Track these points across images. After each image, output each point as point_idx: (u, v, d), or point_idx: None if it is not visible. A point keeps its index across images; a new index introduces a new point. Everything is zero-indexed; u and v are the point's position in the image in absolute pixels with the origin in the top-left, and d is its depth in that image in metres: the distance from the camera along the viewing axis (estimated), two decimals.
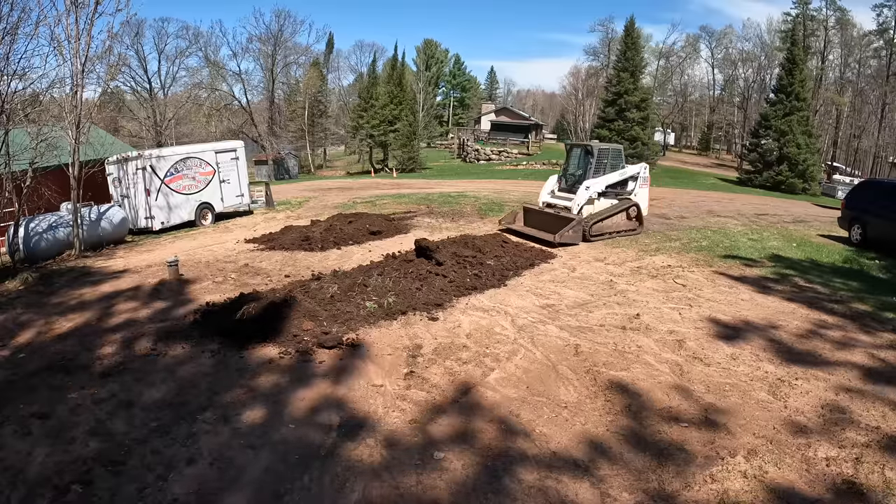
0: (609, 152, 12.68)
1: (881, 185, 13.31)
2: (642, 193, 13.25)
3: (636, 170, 13.22)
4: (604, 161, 12.45)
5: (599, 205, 12.39)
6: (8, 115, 10.68)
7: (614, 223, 12.24)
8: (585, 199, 12.01)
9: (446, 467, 3.91)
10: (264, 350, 5.78)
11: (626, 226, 12.46)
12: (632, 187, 13.12)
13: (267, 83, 51.85)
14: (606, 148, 12.78)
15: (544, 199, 12.96)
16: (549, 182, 13.22)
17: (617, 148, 13.09)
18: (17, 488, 3.66)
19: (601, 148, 12.59)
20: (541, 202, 12.95)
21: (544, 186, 13.25)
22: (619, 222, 12.33)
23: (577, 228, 11.33)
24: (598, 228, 11.83)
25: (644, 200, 13.24)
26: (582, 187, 11.99)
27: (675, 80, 59.49)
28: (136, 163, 13.87)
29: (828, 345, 6.12)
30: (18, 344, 6.23)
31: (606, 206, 12.46)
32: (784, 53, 38.43)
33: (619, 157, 12.87)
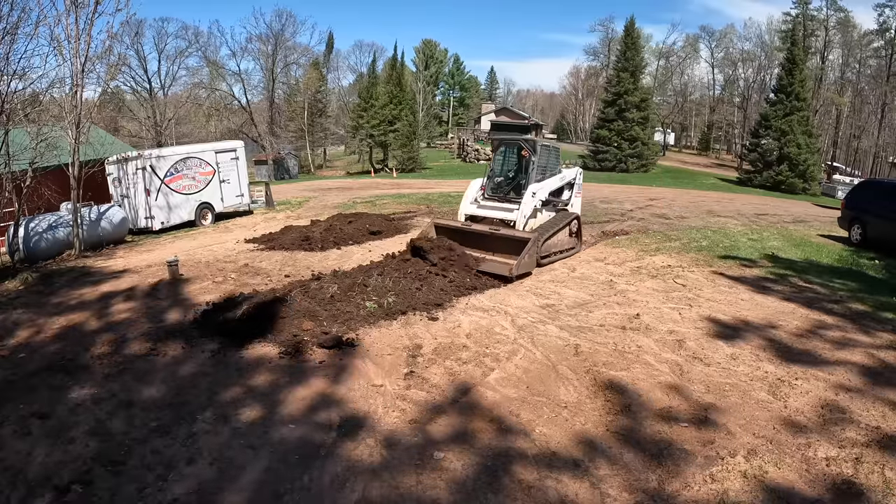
0: (550, 151, 10.64)
1: (881, 185, 13.32)
2: (577, 203, 11.32)
3: (572, 175, 11.19)
4: (544, 162, 10.39)
5: (542, 217, 10.12)
6: (8, 115, 10.69)
7: (559, 241, 9.89)
8: (532, 209, 9.67)
9: (446, 467, 3.91)
10: (264, 350, 5.78)
11: (568, 244, 10.21)
12: (567, 196, 11.07)
13: (267, 83, 51.89)
14: (548, 146, 10.74)
15: (467, 210, 10.19)
16: (471, 188, 10.52)
17: (557, 147, 11.28)
18: (17, 488, 3.66)
19: (543, 145, 10.43)
20: (462, 215, 10.20)
21: (465, 194, 10.47)
22: (563, 240, 10.05)
23: (534, 251, 8.81)
24: (546, 249, 9.41)
25: (578, 211, 11.27)
26: (527, 194, 9.61)
27: (675, 80, 59.54)
28: (136, 163, 13.88)
29: (827, 345, 6.12)
30: (18, 344, 6.23)
31: (548, 218, 10.22)
32: (784, 53, 38.48)
33: (558, 158, 10.95)
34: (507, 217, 9.67)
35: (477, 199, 10.35)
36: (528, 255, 8.62)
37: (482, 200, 10.32)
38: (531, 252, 8.71)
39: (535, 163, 9.97)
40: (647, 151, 39.75)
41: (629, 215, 15.56)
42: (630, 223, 14.14)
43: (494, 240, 9.13)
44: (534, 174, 9.95)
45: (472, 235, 9.33)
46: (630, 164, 38.23)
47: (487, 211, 10.06)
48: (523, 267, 8.56)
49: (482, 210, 10.12)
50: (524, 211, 9.57)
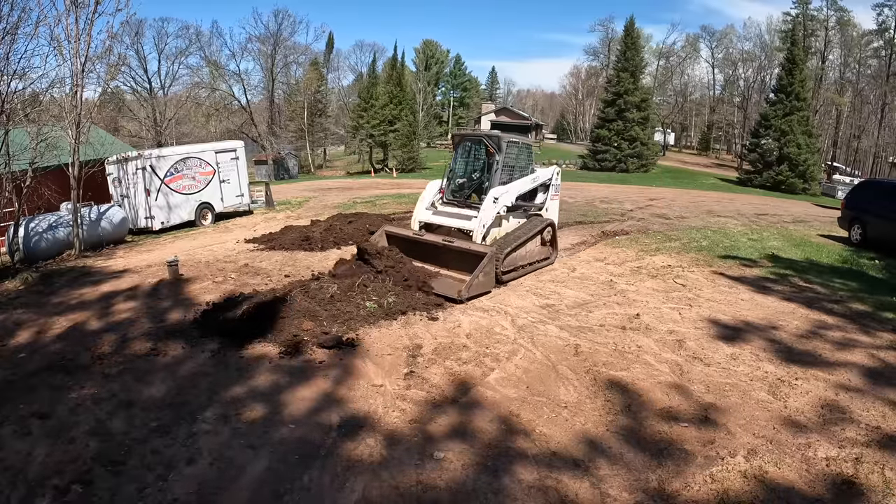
0: (520, 149, 9.25)
1: (881, 185, 13.32)
2: (553, 207, 9.99)
3: (547, 175, 9.79)
4: (512, 161, 9.02)
5: (508, 226, 8.82)
6: (8, 115, 10.69)
7: (528, 253, 8.79)
8: (493, 217, 8.33)
9: (446, 467, 3.91)
10: (264, 350, 5.78)
11: (540, 254, 9.11)
12: (542, 199, 9.72)
13: (266, 83, 51.92)
14: (517, 142, 9.25)
15: (422, 217, 9.00)
16: (427, 191, 9.30)
17: (528, 144, 9.68)
18: (17, 488, 3.65)
19: (510, 141, 8.97)
20: (416, 223, 9.02)
21: (421, 199, 9.22)
22: (533, 251, 8.92)
23: (491, 268, 7.67)
24: (511, 262, 8.36)
25: (555, 216, 10.08)
26: (489, 199, 8.28)
27: (675, 80, 59.54)
28: (136, 163, 13.88)
29: (827, 345, 6.12)
30: (18, 344, 6.23)
31: (515, 226, 8.95)
32: (784, 53, 38.52)
33: (529, 156, 9.50)
34: (465, 227, 8.35)
35: (435, 203, 9.11)
36: (483, 273, 7.47)
37: (440, 205, 9.08)
38: (487, 270, 7.54)
39: (499, 162, 8.65)
40: (647, 151, 39.78)
41: (629, 215, 15.56)
42: (630, 223, 14.14)
43: (449, 252, 8.06)
44: (498, 176, 8.61)
45: (426, 247, 8.31)
46: (630, 164, 38.24)
47: (444, 218, 8.77)
48: (477, 287, 7.45)
49: (439, 217, 8.85)
50: (483, 220, 8.21)
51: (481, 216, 8.25)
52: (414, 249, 8.41)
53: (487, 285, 7.72)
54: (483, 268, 7.51)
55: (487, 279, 7.69)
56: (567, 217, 14.52)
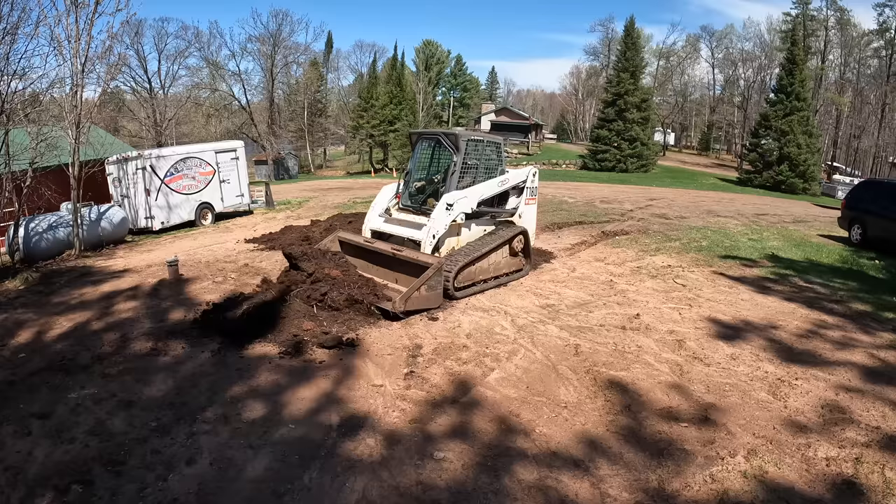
0: (483, 147, 8.37)
1: (881, 185, 13.31)
2: (529, 213, 9.09)
3: (521, 177, 8.92)
4: (475, 161, 8.19)
5: (470, 235, 8.17)
6: (8, 115, 10.69)
7: (493, 265, 8.04)
8: (446, 225, 7.58)
9: (446, 467, 3.91)
10: (264, 349, 5.78)
11: (508, 266, 8.33)
12: (515, 204, 8.89)
13: (266, 83, 51.90)
14: (480, 140, 8.39)
15: (373, 225, 8.28)
16: (381, 196, 8.55)
17: (495, 141, 8.78)
18: (17, 488, 3.66)
19: (471, 139, 8.17)
20: (367, 232, 8.32)
21: (373, 204, 8.49)
22: (499, 262, 8.17)
23: (437, 282, 6.87)
24: (469, 276, 7.65)
25: (532, 222, 9.17)
26: (440, 205, 7.52)
27: (675, 80, 59.52)
28: (136, 163, 13.88)
29: (828, 345, 6.12)
30: (18, 343, 6.23)
31: (480, 235, 8.26)
32: (784, 53, 38.51)
33: (497, 155, 8.66)
34: (414, 236, 7.62)
35: (390, 209, 8.39)
36: (426, 285, 6.70)
37: (395, 212, 8.35)
38: (432, 283, 6.76)
39: (457, 164, 7.81)
40: (647, 151, 39.79)
41: (629, 215, 15.55)
42: (630, 223, 14.14)
43: (398, 263, 7.40)
44: (455, 179, 7.80)
45: (377, 256, 7.67)
46: (630, 164, 38.25)
47: (396, 227, 8.01)
48: (418, 302, 6.69)
49: (390, 225, 8.11)
50: (433, 228, 7.45)
51: (430, 225, 7.48)
52: (366, 258, 7.87)
53: (433, 300, 6.88)
54: (426, 280, 6.68)
55: (433, 293, 6.85)
56: (567, 217, 14.53)
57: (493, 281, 8.11)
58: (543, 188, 20.61)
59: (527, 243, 8.58)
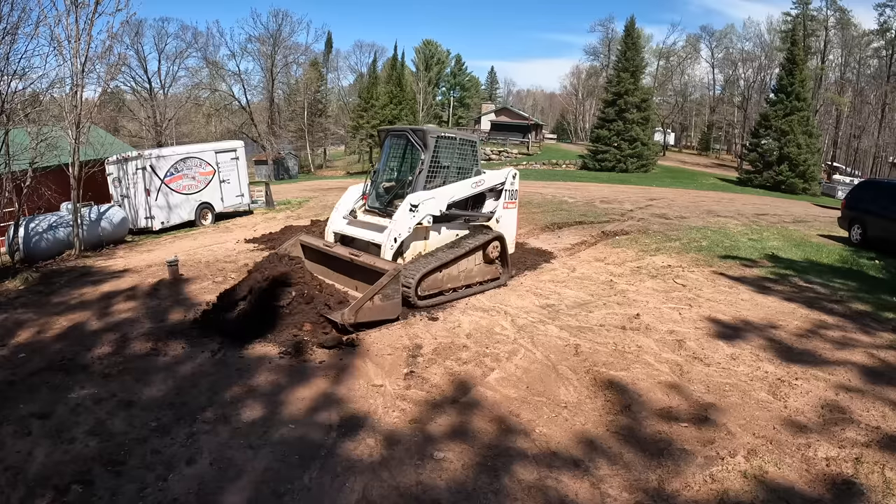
0: (456, 147, 7.87)
1: (881, 185, 13.31)
2: (508, 218, 8.65)
3: (499, 179, 8.47)
4: (446, 160, 7.76)
5: (440, 239, 7.71)
6: (8, 115, 10.69)
7: (464, 272, 7.57)
8: (410, 228, 7.12)
9: (446, 467, 3.91)
10: (264, 349, 5.78)
11: (483, 274, 7.86)
12: (492, 207, 8.45)
13: (266, 83, 51.92)
14: (452, 138, 7.86)
15: (336, 227, 7.86)
16: (346, 197, 8.11)
17: (469, 140, 8.24)
18: (17, 488, 3.66)
19: (441, 136, 7.66)
20: (329, 234, 7.93)
21: (337, 205, 8.06)
22: (472, 270, 7.69)
23: (394, 290, 6.30)
24: (435, 284, 7.20)
25: (511, 228, 8.73)
26: (404, 206, 7.07)
27: (676, 80, 59.50)
28: (136, 163, 13.89)
29: (828, 345, 6.12)
30: (19, 343, 6.23)
31: (452, 239, 7.81)
32: (784, 53, 38.50)
33: (471, 155, 8.17)
34: (376, 239, 7.14)
35: (355, 210, 7.90)
36: (381, 295, 6.11)
37: (361, 214, 7.87)
38: (388, 291, 6.17)
39: (424, 162, 7.37)
40: (647, 151, 39.75)
41: (629, 215, 15.55)
42: (630, 223, 14.13)
43: (356, 269, 6.81)
44: (422, 178, 7.34)
45: (336, 261, 7.15)
46: (630, 164, 38.23)
47: (359, 230, 7.55)
48: (371, 313, 6.10)
49: (354, 228, 7.66)
50: (394, 231, 6.97)
51: (392, 227, 6.99)
52: (326, 263, 7.38)
53: (389, 311, 6.29)
54: (380, 288, 6.08)
55: (389, 303, 6.25)
56: (567, 217, 14.53)
57: (465, 290, 7.60)
58: (543, 188, 20.61)
59: (503, 250, 8.02)
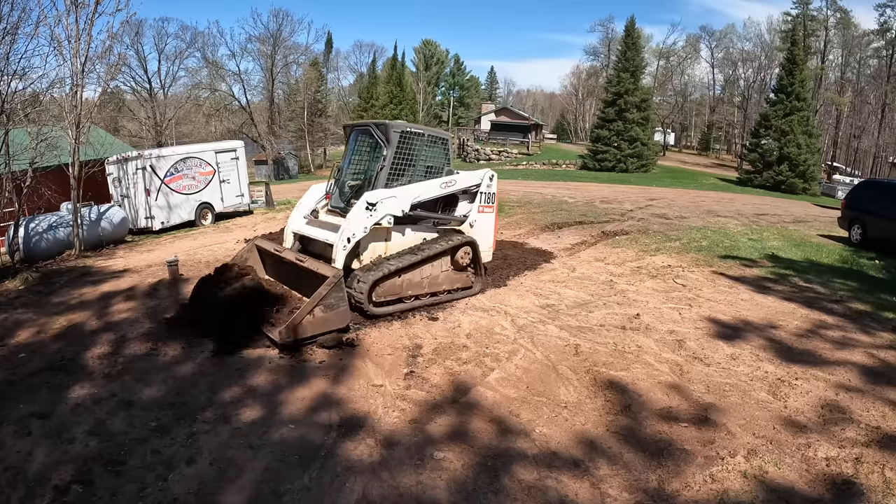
0: (423, 142, 7.34)
1: (881, 185, 13.31)
2: (484, 222, 8.04)
3: (473, 180, 7.90)
4: (411, 157, 7.18)
5: (401, 242, 7.11)
6: (8, 115, 10.69)
7: (428, 279, 7.11)
8: (365, 228, 6.51)
9: (446, 467, 3.91)
10: (264, 350, 5.78)
11: (451, 281, 7.40)
12: (467, 210, 7.91)
13: (266, 83, 51.88)
14: (420, 134, 7.27)
15: (295, 227, 7.34)
16: (308, 196, 7.64)
17: (440, 137, 7.71)
18: (17, 488, 3.66)
19: (407, 132, 7.08)
20: (289, 235, 7.38)
21: (298, 204, 7.67)
22: (437, 276, 7.22)
23: (338, 298, 5.80)
24: (392, 290, 6.76)
25: (488, 233, 8.12)
26: (360, 204, 6.51)
27: (676, 80, 59.49)
28: (136, 163, 13.89)
29: (828, 344, 6.12)
30: (18, 343, 6.23)
31: (413, 243, 7.21)
32: (784, 53, 38.48)
33: (442, 153, 7.67)
34: (331, 239, 6.56)
35: (317, 210, 7.46)
36: (322, 305, 5.63)
37: (323, 213, 7.43)
38: (331, 301, 5.68)
39: (386, 158, 6.88)
40: (647, 151, 39.74)
41: (629, 215, 15.55)
42: (630, 223, 14.13)
43: (303, 274, 6.38)
44: (384, 176, 6.85)
45: (288, 266, 6.75)
46: (630, 164, 38.23)
47: (317, 230, 6.99)
48: (314, 326, 5.66)
49: (311, 227, 7.13)
50: (348, 230, 6.36)
51: (345, 226, 6.42)
52: (280, 269, 6.99)
53: (334, 321, 5.79)
54: (320, 298, 5.60)
55: (333, 313, 5.74)
56: (567, 217, 14.52)
57: (430, 298, 7.16)
58: (543, 188, 20.61)
59: (475, 257, 7.51)
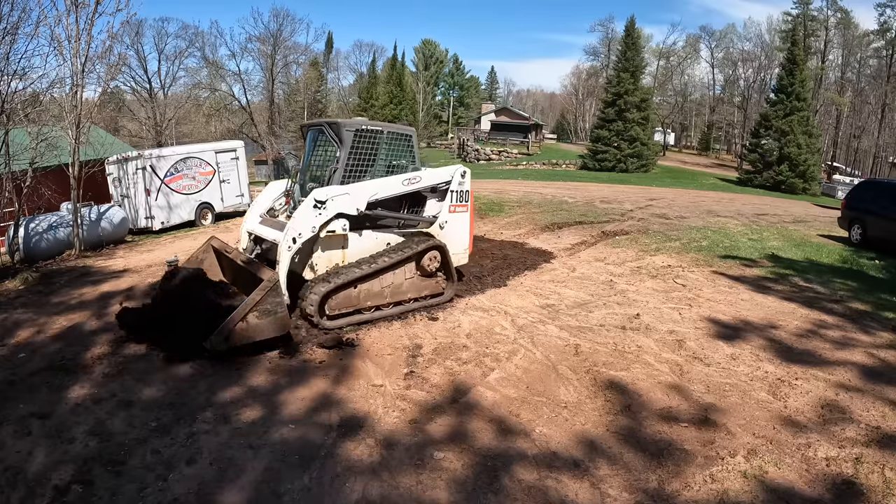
0: (382, 140, 6.86)
1: (881, 185, 13.31)
2: (457, 223, 7.41)
3: (443, 177, 7.30)
4: (370, 156, 6.76)
5: (361, 248, 6.58)
6: (8, 115, 10.70)
7: (389, 287, 6.61)
8: (313, 228, 6.07)
9: (446, 467, 3.91)
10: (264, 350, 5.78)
11: (418, 289, 6.91)
12: (436, 210, 7.31)
13: (266, 83, 51.88)
14: (377, 131, 6.81)
15: (250, 225, 7.05)
16: (265, 193, 7.43)
17: (402, 133, 7.25)
18: (17, 488, 3.66)
19: (361, 129, 6.65)
20: (244, 235, 7.06)
21: (256, 200, 7.47)
22: (401, 284, 6.71)
23: (275, 304, 5.39)
24: (348, 301, 6.30)
25: (461, 235, 7.50)
26: (307, 202, 6.11)
27: (676, 80, 59.49)
28: (136, 163, 13.91)
29: (827, 344, 6.12)
30: (18, 343, 6.23)
31: (378, 248, 6.71)
32: (784, 53, 38.50)
33: (406, 150, 7.22)
34: (276, 238, 6.23)
35: (275, 209, 7.22)
36: (256, 311, 5.25)
37: (282, 213, 7.22)
38: (266, 307, 5.29)
39: (339, 160, 6.52)
40: (647, 151, 39.74)
41: (629, 215, 15.54)
42: (630, 223, 14.13)
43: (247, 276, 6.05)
44: (337, 178, 6.48)
45: (236, 267, 6.43)
46: (630, 164, 38.23)
47: (268, 228, 6.71)
48: (246, 334, 5.26)
49: (264, 227, 6.84)
50: (294, 229, 5.95)
51: (291, 224, 6.00)
52: (233, 271, 6.68)
53: (271, 329, 5.38)
54: (257, 303, 5.23)
55: (269, 320, 5.33)
56: (567, 217, 14.52)
57: (394, 308, 6.70)
58: (543, 188, 20.62)
59: (445, 261, 7.00)
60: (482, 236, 11.90)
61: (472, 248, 7.95)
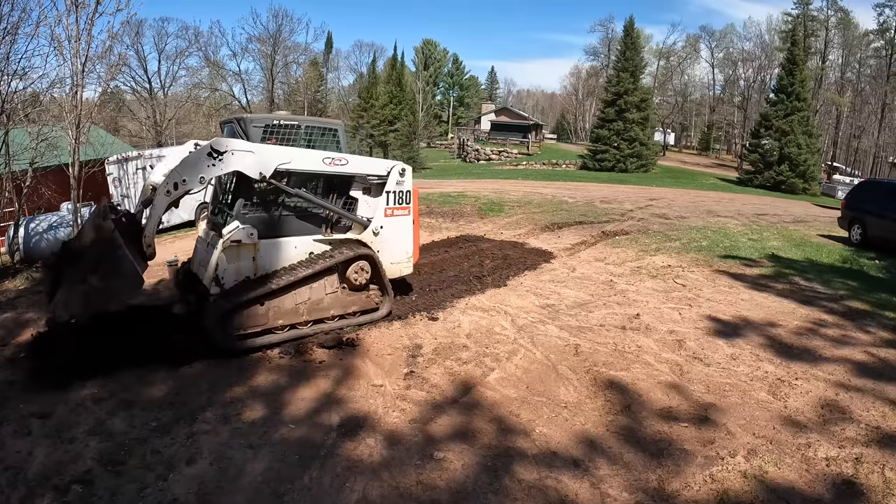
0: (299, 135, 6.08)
1: (881, 185, 13.32)
2: (395, 228, 6.53)
3: (377, 169, 6.43)
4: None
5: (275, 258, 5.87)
6: (8, 115, 10.72)
7: (306, 303, 5.91)
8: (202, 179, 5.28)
9: (446, 467, 3.91)
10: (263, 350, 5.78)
11: (343, 305, 6.18)
12: (371, 212, 6.46)
13: (266, 83, 51.91)
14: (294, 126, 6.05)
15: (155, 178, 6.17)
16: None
17: (326, 127, 6.43)
18: (17, 488, 3.66)
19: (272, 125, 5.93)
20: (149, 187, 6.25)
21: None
22: (321, 299, 6.01)
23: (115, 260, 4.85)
24: (256, 321, 5.62)
25: (401, 243, 6.66)
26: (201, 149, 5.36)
27: (675, 80, 59.50)
28: (137, 163, 13.90)
29: (828, 344, 6.11)
30: (19, 343, 6.23)
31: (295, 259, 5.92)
32: (784, 53, 38.51)
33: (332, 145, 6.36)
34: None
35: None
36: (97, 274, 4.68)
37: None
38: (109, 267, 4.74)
39: None
40: (647, 151, 39.75)
41: (629, 215, 15.55)
42: (630, 223, 14.13)
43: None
44: None
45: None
46: (630, 164, 38.23)
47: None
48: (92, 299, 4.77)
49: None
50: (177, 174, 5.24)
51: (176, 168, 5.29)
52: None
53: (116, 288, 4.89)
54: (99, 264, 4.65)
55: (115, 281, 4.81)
56: (567, 217, 14.52)
57: (314, 326, 5.96)
58: (543, 188, 20.62)
59: (376, 272, 6.22)
60: (482, 236, 11.91)
61: (418, 256, 7.06)
